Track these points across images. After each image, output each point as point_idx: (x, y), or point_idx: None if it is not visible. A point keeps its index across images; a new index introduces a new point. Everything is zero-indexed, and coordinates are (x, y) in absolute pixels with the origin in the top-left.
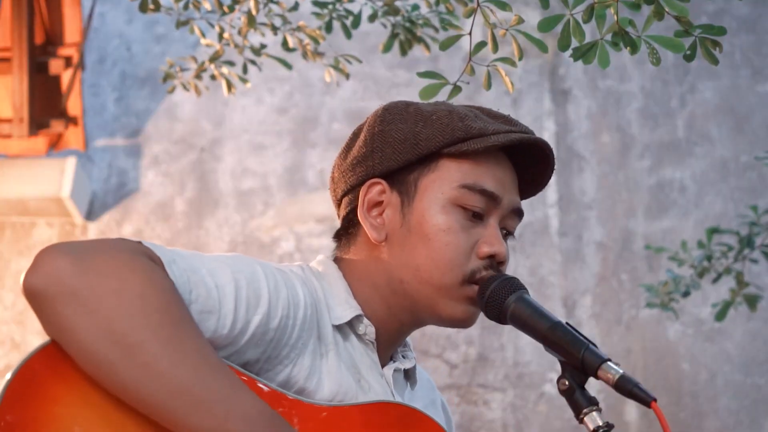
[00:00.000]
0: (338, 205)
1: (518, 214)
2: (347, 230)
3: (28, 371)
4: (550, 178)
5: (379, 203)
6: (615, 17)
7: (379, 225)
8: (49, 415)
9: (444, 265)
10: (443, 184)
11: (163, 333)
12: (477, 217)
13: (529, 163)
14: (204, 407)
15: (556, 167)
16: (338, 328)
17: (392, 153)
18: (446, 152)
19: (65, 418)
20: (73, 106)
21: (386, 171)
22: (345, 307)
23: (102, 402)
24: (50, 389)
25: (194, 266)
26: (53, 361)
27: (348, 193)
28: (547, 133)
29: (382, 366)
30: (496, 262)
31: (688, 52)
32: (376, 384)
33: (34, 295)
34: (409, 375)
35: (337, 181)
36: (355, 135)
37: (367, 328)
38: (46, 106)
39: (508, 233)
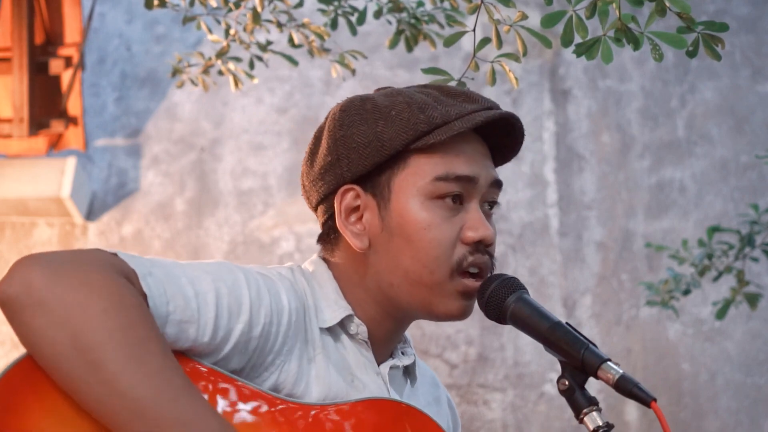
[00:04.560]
0: (315, 212)
1: (497, 185)
2: (329, 236)
3: (6, 384)
4: (521, 144)
5: (356, 208)
6: (617, 13)
7: (360, 232)
8: (27, 427)
9: (431, 263)
10: (417, 180)
11: (125, 352)
12: (457, 202)
13: (498, 133)
14: (162, 429)
15: (556, 167)
16: (328, 330)
17: (358, 158)
18: (413, 148)
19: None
20: (73, 106)
21: (357, 176)
22: (334, 309)
23: (77, 419)
24: (27, 403)
25: (173, 275)
26: (31, 374)
27: (322, 202)
28: (547, 133)
29: (379, 364)
30: (484, 245)
31: (691, 48)
32: (371, 383)
33: (5, 303)
34: (408, 372)
35: (308, 190)
36: (317, 139)
37: (359, 327)
38: (46, 106)
39: (492, 204)
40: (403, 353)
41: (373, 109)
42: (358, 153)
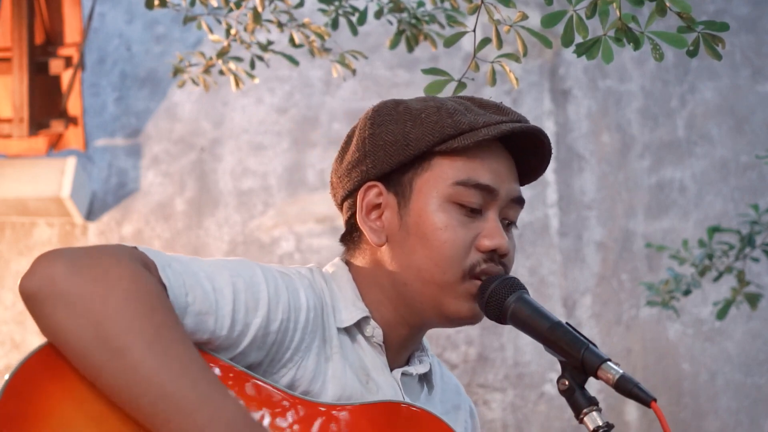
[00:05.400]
0: (340, 209)
1: (518, 202)
2: (351, 234)
3: (27, 370)
4: (548, 163)
5: (378, 206)
6: (618, 13)
7: (378, 228)
8: (46, 413)
9: (444, 263)
10: (438, 182)
11: (147, 338)
12: (475, 212)
13: (526, 149)
14: (185, 413)
15: (556, 167)
16: (346, 330)
17: (384, 155)
18: (438, 150)
19: (61, 417)
20: (73, 106)
21: (381, 173)
22: (351, 310)
23: (97, 402)
24: (48, 388)
25: (191, 270)
26: (51, 360)
27: (347, 198)
28: (547, 133)
29: (393, 369)
30: (498, 255)
31: (691, 48)
32: (386, 386)
33: (28, 297)
34: (425, 379)
35: (335, 186)
36: (349, 138)
37: (375, 330)
38: (46, 106)
39: (510, 223)
40: (419, 361)
41: (404, 111)
42: (384, 151)
